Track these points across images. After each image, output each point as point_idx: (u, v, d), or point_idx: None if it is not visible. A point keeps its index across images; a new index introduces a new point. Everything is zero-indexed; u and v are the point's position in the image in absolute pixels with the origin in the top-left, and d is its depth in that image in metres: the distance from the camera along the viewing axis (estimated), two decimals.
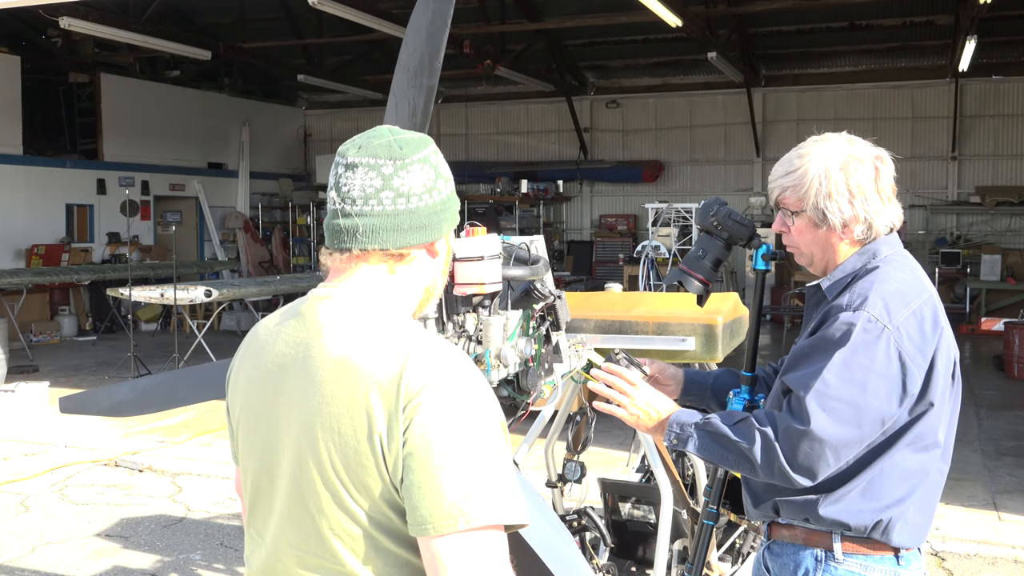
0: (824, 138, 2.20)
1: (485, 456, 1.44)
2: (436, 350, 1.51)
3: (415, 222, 1.58)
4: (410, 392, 1.45)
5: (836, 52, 17.86)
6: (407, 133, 1.63)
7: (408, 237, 1.58)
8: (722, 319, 3.94)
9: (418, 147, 1.60)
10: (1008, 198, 16.97)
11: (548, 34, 17.36)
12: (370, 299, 1.58)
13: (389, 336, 1.52)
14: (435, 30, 2.53)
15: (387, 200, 1.56)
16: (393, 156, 1.57)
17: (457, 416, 1.44)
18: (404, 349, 1.50)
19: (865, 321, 2.03)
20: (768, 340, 14.71)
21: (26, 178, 15.76)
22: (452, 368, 1.49)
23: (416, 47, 2.55)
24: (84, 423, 8.66)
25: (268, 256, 19.32)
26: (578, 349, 3.24)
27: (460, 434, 1.43)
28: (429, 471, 1.42)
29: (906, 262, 2.21)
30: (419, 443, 1.43)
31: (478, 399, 1.48)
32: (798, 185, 2.17)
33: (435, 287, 1.70)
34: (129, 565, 5.56)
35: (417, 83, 2.56)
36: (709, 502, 3.27)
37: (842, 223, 2.15)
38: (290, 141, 21.85)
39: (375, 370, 1.48)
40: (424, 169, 1.60)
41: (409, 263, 1.62)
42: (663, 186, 19.43)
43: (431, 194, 1.60)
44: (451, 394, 1.46)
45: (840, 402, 2.02)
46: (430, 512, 1.41)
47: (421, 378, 1.46)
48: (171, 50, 14.97)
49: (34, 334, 14.50)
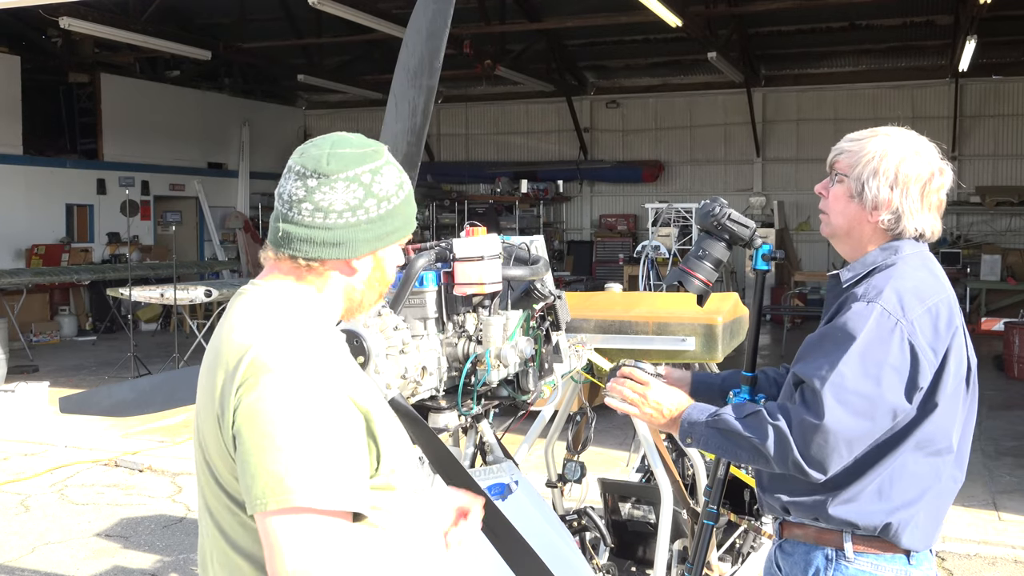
0: (901, 129, 2.25)
1: (308, 440, 1.44)
2: (282, 338, 1.54)
3: (329, 238, 1.62)
4: (244, 374, 1.50)
5: (836, 52, 17.87)
6: (350, 146, 1.65)
7: (319, 251, 1.62)
8: (722, 319, 3.94)
9: (351, 164, 1.62)
10: (1008, 198, 16.97)
11: (548, 34, 17.36)
12: (272, 298, 1.63)
13: (256, 327, 1.57)
14: (435, 30, 2.53)
15: (306, 212, 1.61)
16: (319, 170, 1.61)
17: (282, 399, 1.46)
18: (256, 336, 1.54)
19: (879, 314, 2.04)
20: (768, 340, 14.70)
21: (26, 178, 15.76)
22: (289, 354, 1.51)
23: (416, 47, 2.55)
24: (84, 423, 8.66)
25: None
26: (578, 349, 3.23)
27: (283, 416, 1.45)
28: (249, 449, 1.46)
29: (926, 262, 2.21)
30: (243, 421, 1.47)
31: (309, 386, 1.49)
32: (855, 151, 2.20)
33: (360, 299, 1.72)
34: (129, 565, 5.56)
35: (417, 83, 2.56)
36: (709, 502, 3.26)
37: (873, 204, 2.16)
38: (290, 141, 21.82)
39: (229, 355, 1.54)
40: (351, 188, 1.61)
41: (320, 275, 1.66)
42: (663, 186, 19.43)
43: (354, 213, 1.62)
44: (281, 378, 1.48)
45: (855, 395, 2.01)
46: (248, 488, 1.46)
47: (257, 362, 1.50)
48: (171, 50, 14.98)
49: (34, 334, 14.50)
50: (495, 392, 2.81)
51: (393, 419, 1.69)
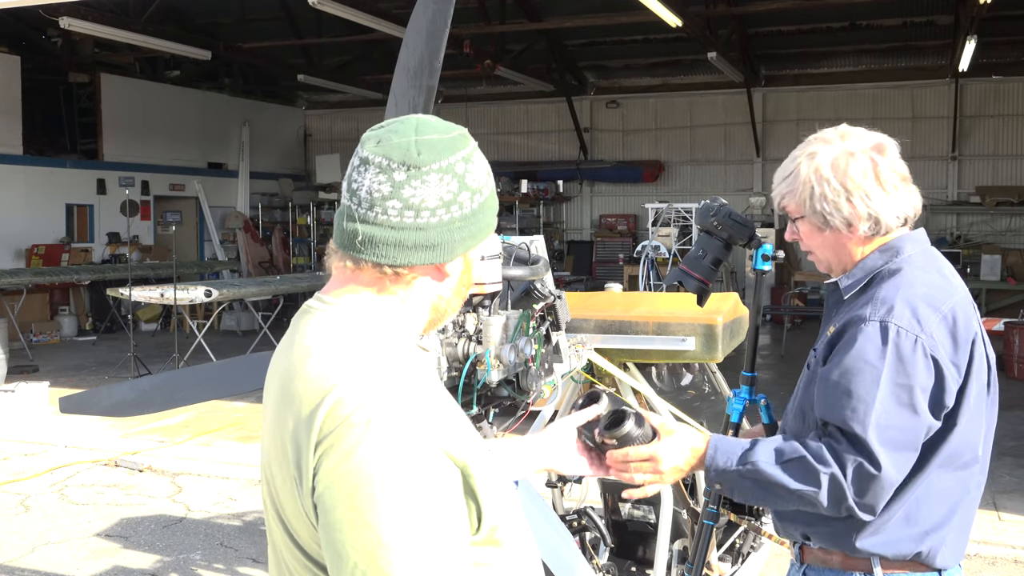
0: (817, 137, 2.10)
1: (405, 515, 1.23)
2: (368, 381, 1.30)
3: (421, 240, 1.38)
4: (325, 425, 1.28)
5: (836, 52, 17.87)
6: (435, 132, 1.41)
7: (409, 256, 1.39)
8: (722, 319, 3.94)
9: (443, 153, 1.39)
10: (1008, 198, 16.97)
11: (548, 34, 17.36)
12: (351, 322, 1.41)
13: (336, 362, 1.34)
14: (435, 30, 2.53)
15: (393, 210, 1.37)
16: (408, 161, 1.37)
17: (374, 464, 1.24)
18: (338, 376, 1.31)
19: (895, 334, 1.90)
20: (768, 340, 14.70)
21: (26, 178, 15.76)
22: (379, 404, 1.28)
23: (416, 47, 2.55)
24: (84, 423, 8.66)
25: (268, 256, 19.32)
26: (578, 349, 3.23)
27: (376, 487, 1.23)
28: (335, 524, 1.25)
29: (932, 261, 2.08)
30: (326, 489, 1.25)
31: (404, 446, 1.26)
32: (793, 191, 2.06)
33: (445, 308, 1.50)
34: (129, 565, 5.56)
35: (417, 83, 2.56)
36: (709, 502, 3.26)
37: (844, 223, 2.02)
38: (290, 141, 21.85)
39: (304, 395, 1.32)
40: (444, 180, 1.38)
41: (407, 283, 1.43)
42: (663, 186, 19.43)
43: (448, 209, 1.39)
44: (371, 437, 1.25)
45: (897, 430, 1.89)
46: (333, 567, 1.26)
47: (342, 413, 1.27)
48: (171, 50, 14.98)
49: (34, 334, 14.50)
50: (495, 392, 2.81)
51: (491, 465, 1.43)
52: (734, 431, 3.35)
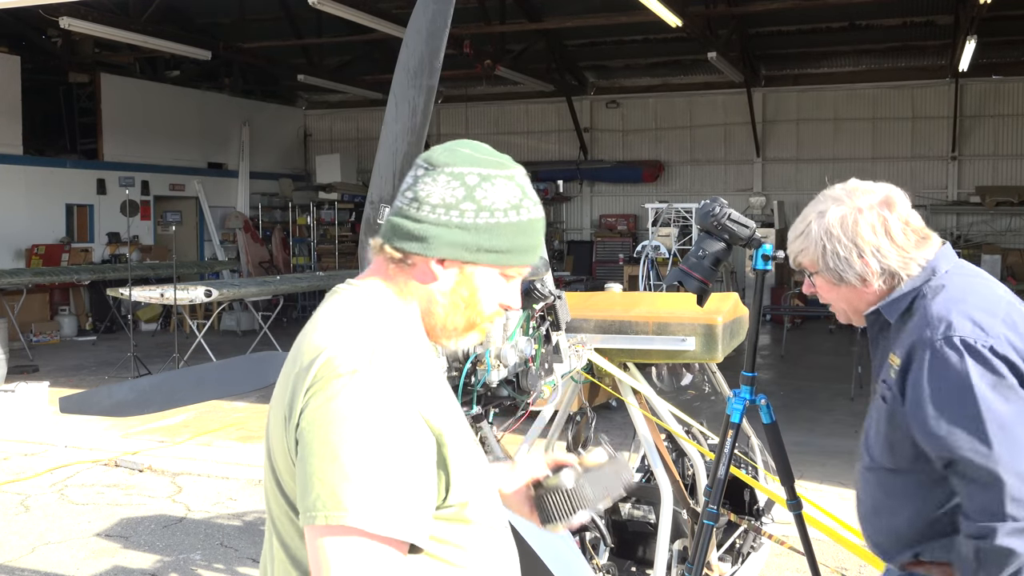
0: (827, 194, 2.14)
1: (371, 456, 1.34)
2: (358, 342, 1.44)
3: (414, 230, 1.51)
4: (315, 375, 1.40)
5: (836, 52, 17.86)
6: (471, 148, 1.57)
7: (402, 240, 1.53)
8: (722, 319, 3.94)
9: (461, 162, 1.54)
10: (1008, 198, 16.97)
11: (548, 34, 17.36)
12: (357, 300, 1.54)
13: (334, 328, 1.48)
14: (435, 30, 2.53)
15: (404, 200, 1.54)
16: (430, 160, 1.54)
17: (350, 407, 1.36)
18: (333, 338, 1.45)
19: (964, 346, 1.90)
20: (768, 340, 14.70)
21: (26, 178, 15.75)
22: (363, 359, 1.40)
23: (416, 47, 2.56)
24: (84, 423, 8.66)
25: (268, 256, 19.32)
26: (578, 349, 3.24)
27: (349, 425, 1.35)
28: (309, 455, 1.37)
29: (971, 271, 2.11)
30: (307, 425, 1.38)
31: (380, 397, 1.38)
32: (807, 248, 2.12)
33: (440, 319, 1.57)
34: (129, 565, 5.55)
35: (417, 83, 2.56)
36: (709, 502, 3.26)
37: (858, 278, 2.06)
38: (290, 141, 21.85)
39: (304, 356, 1.46)
40: (451, 185, 1.52)
41: (404, 275, 1.56)
42: (663, 186, 19.43)
43: (447, 211, 1.51)
44: (352, 384, 1.37)
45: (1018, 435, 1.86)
46: (302, 495, 1.37)
47: (330, 365, 1.40)
48: (171, 50, 14.98)
49: (34, 334, 14.50)
50: (495, 392, 2.81)
51: (472, 447, 1.54)
52: (735, 431, 3.35)
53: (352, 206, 19.35)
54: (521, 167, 1.62)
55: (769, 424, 3.42)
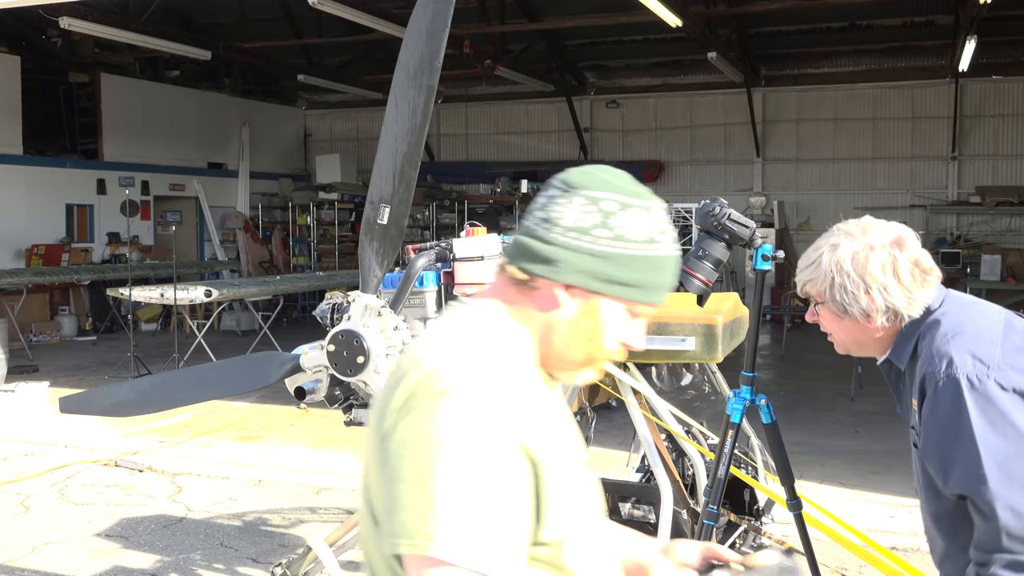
0: (840, 228, 2.17)
1: (466, 481, 1.26)
2: (460, 357, 1.36)
3: (541, 251, 1.42)
4: (412, 388, 1.33)
5: (836, 52, 17.86)
6: (611, 175, 1.48)
7: (528, 262, 1.44)
8: (722, 319, 3.94)
9: (600, 186, 1.45)
10: (1008, 198, 16.96)
11: (548, 34, 17.36)
12: (466, 318, 1.46)
13: (436, 343, 1.41)
14: (435, 30, 2.53)
15: (534, 219, 1.46)
16: (567, 181, 1.46)
17: (445, 425, 1.28)
18: (433, 352, 1.38)
19: (967, 383, 1.93)
20: (768, 340, 14.70)
21: (26, 178, 15.75)
22: (464, 376, 1.33)
23: (416, 47, 2.56)
24: (84, 423, 8.66)
25: (268, 256, 19.32)
26: None
27: (442, 446, 1.27)
28: (396, 474, 1.29)
29: (963, 301, 2.14)
30: (398, 441, 1.31)
31: (480, 417, 1.29)
32: (815, 279, 2.15)
33: (558, 350, 1.47)
34: (129, 565, 5.55)
35: (417, 83, 2.57)
36: (709, 502, 3.26)
37: (863, 313, 2.10)
38: (290, 141, 21.85)
39: (405, 370, 1.38)
40: (587, 209, 1.42)
41: (525, 297, 1.46)
42: (663, 186, 19.41)
43: (579, 236, 1.42)
44: (449, 401, 1.30)
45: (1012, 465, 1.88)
46: (386, 516, 1.30)
47: (428, 378, 1.33)
48: (171, 50, 14.98)
49: (34, 334, 14.50)
50: None
51: (581, 488, 1.44)
52: (735, 431, 3.35)
53: (352, 206, 19.34)
54: (661, 201, 1.51)
55: (769, 424, 3.42)
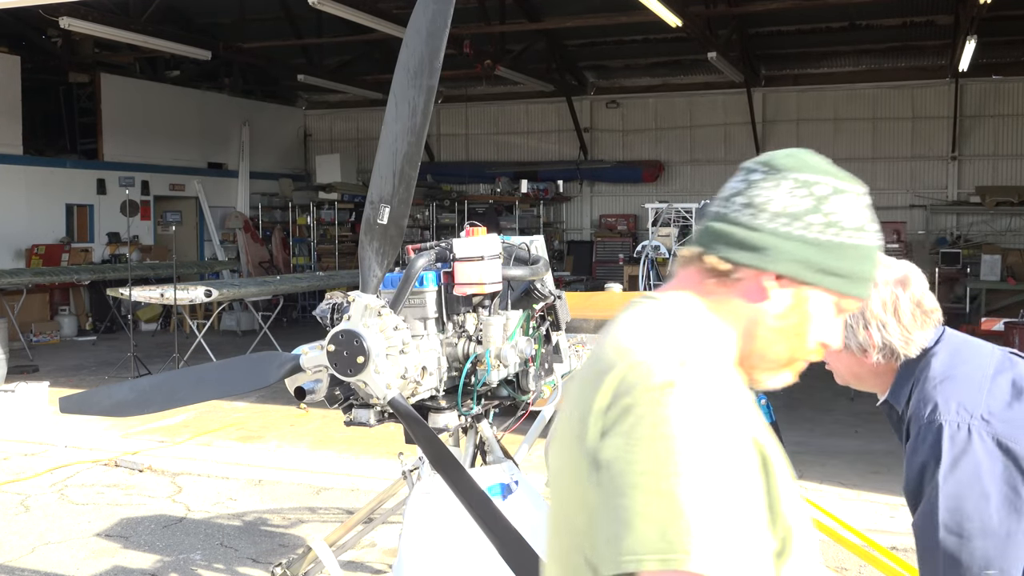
0: None
1: (712, 484, 1.09)
2: (674, 347, 1.21)
3: (748, 239, 1.31)
4: (622, 383, 1.17)
5: (836, 52, 17.86)
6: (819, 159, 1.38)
7: (733, 251, 1.31)
8: None
9: (812, 169, 1.34)
10: (1008, 198, 16.96)
11: (548, 34, 17.36)
12: (662, 311, 1.32)
13: (643, 333, 1.26)
14: (435, 30, 2.53)
15: (735, 205, 1.34)
16: (770, 163, 1.37)
17: (677, 423, 1.12)
18: (643, 343, 1.22)
19: (948, 430, 1.92)
20: None
21: (26, 178, 15.76)
22: (687, 365, 1.18)
23: (416, 47, 2.56)
24: (84, 423, 8.66)
25: (268, 256, 19.32)
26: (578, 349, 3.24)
27: (678, 447, 1.11)
28: (621, 486, 1.11)
29: (957, 340, 2.13)
30: (615, 447, 1.14)
31: (715, 411, 1.15)
32: None
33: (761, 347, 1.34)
34: (129, 565, 5.56)
35: (417, 83, 2.56)
36: None
37: (859, 348, 2.10)
38: (290, 141, 21.85)
39: (600, 366, 1.23)
40: (797, 193, 1.31)
41: (726, 289, 1.33)
42: (663, 186, 19.42)
43: (790, 222, 1.30)
44: (675, 394, 1.14)
45: (961, 519, 1.86)
46: (613, 539, 1.11)
47: (642, 370, 1.17)
48: (171, 50, 14.98)
49: (34, 334, 14.50)
50: (495, 392, 2.81)
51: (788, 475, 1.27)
52: None
53: (352, 206, 19.36)
54: (865, 187, 1.39)
55: (769, 424, 3.42)
